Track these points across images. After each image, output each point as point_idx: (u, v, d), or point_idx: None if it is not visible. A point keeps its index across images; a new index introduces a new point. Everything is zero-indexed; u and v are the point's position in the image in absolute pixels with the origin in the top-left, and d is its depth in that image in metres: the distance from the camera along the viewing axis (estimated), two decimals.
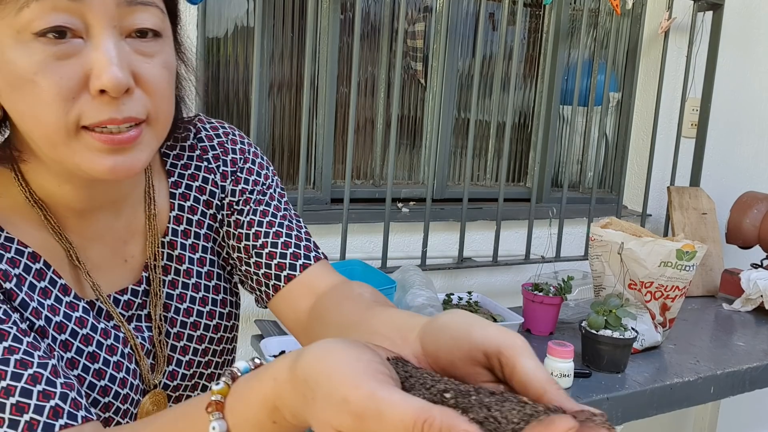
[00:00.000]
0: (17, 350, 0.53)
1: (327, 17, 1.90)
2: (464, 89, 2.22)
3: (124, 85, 0.53)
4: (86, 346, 0.62)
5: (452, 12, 2.11)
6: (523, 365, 0.39)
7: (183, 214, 0.73)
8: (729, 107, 2.58)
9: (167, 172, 0.74)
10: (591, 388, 1.38)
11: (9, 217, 0.61)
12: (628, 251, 1.53)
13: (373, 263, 1.69)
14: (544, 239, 2.26)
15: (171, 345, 0.71)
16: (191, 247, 0.73)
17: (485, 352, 0.41)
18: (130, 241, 0.69)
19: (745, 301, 2.06)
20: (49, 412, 0.52)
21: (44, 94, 0.52)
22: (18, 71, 0.52)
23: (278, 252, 0.74)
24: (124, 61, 0.54)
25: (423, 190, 2.11)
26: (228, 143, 0.77)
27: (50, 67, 0.52)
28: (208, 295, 0.74)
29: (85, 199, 0.64)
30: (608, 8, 2.41)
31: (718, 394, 1.54)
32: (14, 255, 0.59)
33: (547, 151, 2.38)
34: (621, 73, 2.53)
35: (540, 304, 1.66)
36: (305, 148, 1.74)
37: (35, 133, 0.55)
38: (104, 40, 0.53)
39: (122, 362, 0.65)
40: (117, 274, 0.68)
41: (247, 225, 0.75)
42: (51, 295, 0.61)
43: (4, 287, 0.57)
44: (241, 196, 0.76)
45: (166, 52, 0.59)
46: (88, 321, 0.63)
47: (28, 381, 0.53)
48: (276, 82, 1.91)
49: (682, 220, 2.31)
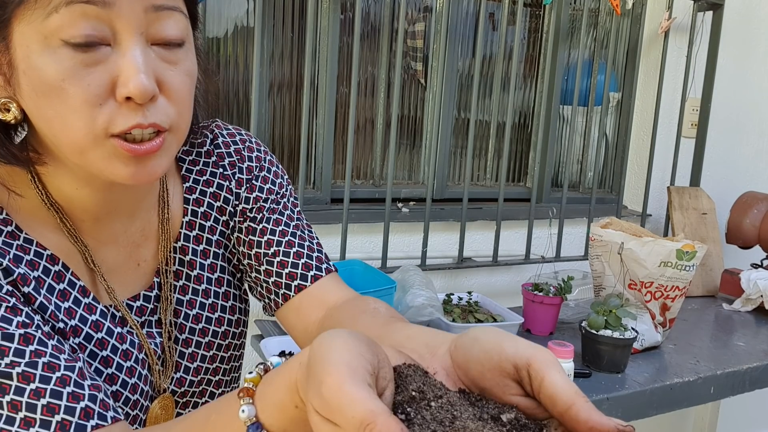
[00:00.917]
0: (44, 354, 0.54)
1: (327, 17, 1.90)
2: (464, 89, 2.22)
3: (150, 93, 0.54)
4: (100, 350, 0.63)
5: (452, 12, 2.11)
6: (552, 379, 0.39)
7: (196, 219, 0.73)
8: (729, 107, 2.58)
9: (182, 177, 0.74)
10: (591, 388, 1.38)
11: (26, 219, 0.61)
12: (628, 251, 1.53)
13: (373, 263, 1.69)
14: (544, 239, 2.26)
15: (179, 351, 0.71)
16: (203, 252, 0.74)
17: (515, 364, 0.41)
18: (143, 244, 0.70)
19: (745, 301, 2.06)
20: (80, 413, 0.53)
21: (72, 101, 0.53)
22: (46, 78, 0.53)
23: (290, 261, 0.74)
24: (150, 69, 0.55)
25: (423, 190, 2.11)
26: (245, 150, 0.77)
27: (78, 74, 0.52)
28: (217, 302, 0.75)
29: (101, 203, 0.64)
30: (608, 8, 2.41)
31: (718, 394, 1.54)
32: (33, 257, 0.60)
33: (547, 151, 2.38)
34: (621, 73, 2.53)
35: (540, 304, 1.66)
36: (305, 148, 1.74)
37: (62, 139, 0.55)
38: (131, 48, 0.54)
39: (135, 368, 0.65)
40: (130, 278, 0.69)
41: (259, 233, 0.75)
42: (69, 297, 0.62)
43: (23, 291, 0.57)
44: (255, 204, 0.76)
45: (189, 60, 0.60)
46: (104, 325, 0.64)
47: (57, 383, 0.54)
48: (276, 82, 1.90)
49: (682, 220, 2.31)
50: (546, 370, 0.40)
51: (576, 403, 0.38)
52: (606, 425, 0.37)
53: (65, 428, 0.53)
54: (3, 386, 0.52)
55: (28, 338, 0.54)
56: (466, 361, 0.43)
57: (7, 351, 0.53)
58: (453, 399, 0.40)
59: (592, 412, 0.37)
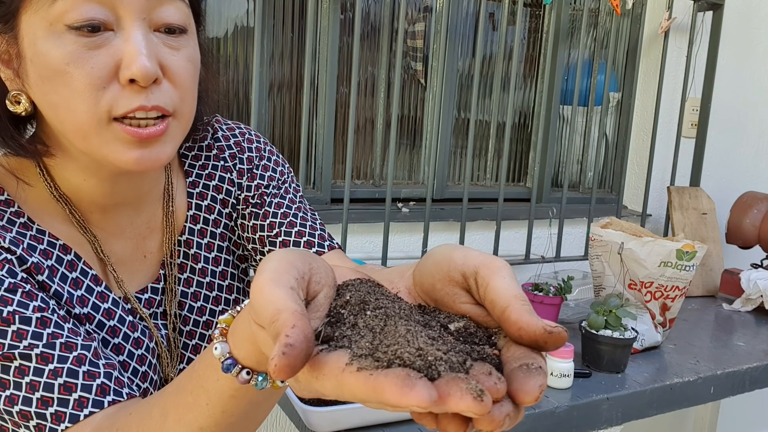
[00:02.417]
0: (60, 335, 0.56)
1: (327, 17, 1.90)
2: (464, 89, 2.22)
3: (153, 75, 0.55)
4: (112, 338, 0.64)
5: (452, 12, 2.11)
6: (495, 283, 0.38)
7: (200, 213, 0.75)
8: (729, 107, 2.58)
9: (185, 172, 0.75)
10: (591, 388, 1.38)
11: (36, 211, 0.63)
12: (628, 251, 1.53)
13: (373, 263, 1.69)
14: (544, 239, 2.26)
15: (184, 343, 0.73)
16: (207, 246, 0.75)
17: (463, 273, 0.40)
18: (149, 236, 0.71)
19: (745, 301, 2.06)
20: (96, 389, 0.55)
21: (76, 84, 0.54)
22: (50, 62, 0.54)
23: (291, 240, 0.75)
24: (153, 52, 0.56)
25: (423, 190, 2.11)
26: (244, 142, 0.78)
27: (82, 57, 0.54)
28: (221, 295, 0.76)
29: (108, 194, 0.65)
30: (608, 8, 2.41)
31: (718, 394, 1.54)
32: (47, 247, 0.61)
33: (547, 151, 2.38)
34: (621, 73, 2.53)
35: (540, 304, 1.66)
36: (305, 148, 1.74)
37: (67, 124, 0.57)
38: (134, 32, 0.55)
39: (146, 356, 0.67)
40: (138, 270, 0.70)
41: (261, 217, 0.76)
42: (82, 285, 0.63)
43: (37, 279, 0.59)
44: (257, 191, 0.77)
45: (191, 47, 0.61)
46: (116, 313, 0.65)
47: (74, 362, 0.55)
48: (276, 82, 1.91)
49: (682, 220, 2.31)
50: (491, 276, 0.38)
51: (510, 304, 0.36)
52: (534, 325, 0.35)
53: (83, 405, 0.54)
54: (23, 368, 0.54)
55: (44, 321, 0.56)
56: (421, 275, 0.43)
57: (26, 334, 0.54)
58: (399, 310, 0.39)
59: (523, 313, 0.36)
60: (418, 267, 0.44)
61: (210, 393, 0.47)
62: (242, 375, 0.43)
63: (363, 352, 0.34)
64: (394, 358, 0.33)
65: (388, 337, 0.35)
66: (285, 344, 0.31)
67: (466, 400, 0.30)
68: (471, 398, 0.30)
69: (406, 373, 0.31)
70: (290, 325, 0.32)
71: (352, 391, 0.32)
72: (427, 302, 0.43)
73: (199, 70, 0.63)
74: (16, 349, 0.54)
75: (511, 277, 0.39)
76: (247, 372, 0.43)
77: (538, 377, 0.33)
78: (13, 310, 0.55)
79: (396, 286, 0.45)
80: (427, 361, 0.33)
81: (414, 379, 0.31)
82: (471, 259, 0.40)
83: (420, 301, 0.43)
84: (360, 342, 0.35)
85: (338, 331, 0.37)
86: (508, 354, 0.36)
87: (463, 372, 0.33)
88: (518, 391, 0.33)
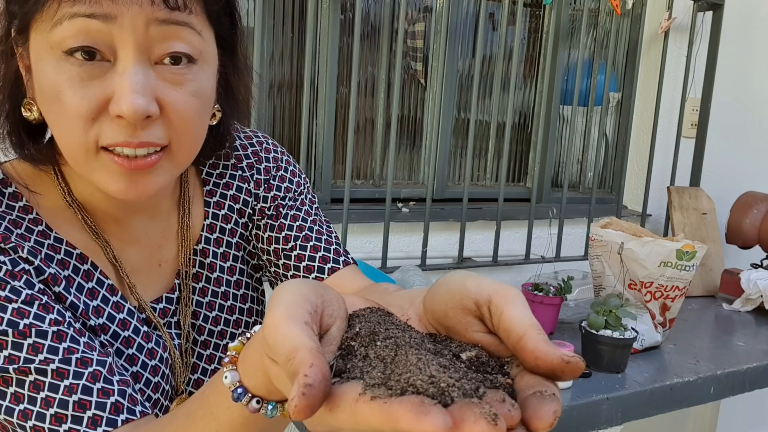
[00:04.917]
0: (76, 350, 0.55)
1: (327, 17, 1.90)
2: (464, 89, 2.22)
3: (142, 114, 0.53)
4: (126, 349, 0.64)
5: (452, 12, 2.11)
6: (509, 312, 0.38)
7: (216, 222, 0.74)
8: (729, 107, 2.58)
9: (203, 180, 0.75)
10: (591, 388, 1.38)
11: (53, 218, 0.62)
12: (628, 251, 1.53)
13: (373, 263, 1.69)
14: (544, 239, 2.27)
15: (197, 353, 0.72)
16: (222, 255, 0.74)
17: (476, 301, 0.40)
18: (164, 245, 0.70)
19: (745, 301, 2.06)
20: (110, 408, 0.55)
21: (67, 111, 0.54)
22: (47, 86, 0.54)
23: (306, 255, 0.75)
24: (149, 89, 0.54)
25: (423, 190, 2.11)
26: (262, 152, 0.78)
27: (74, 86, 0.53)
28: (235, 304, 0.75)
29: (118, 206, 0.65)
30: (608, 8, 2.41)
31: (718, 394, 1.54)
32: (64, 256, 0.61)
33: (547, 151, 2.38)
34: (621, 73, 2.53)
35: (540, 304, 1.66)
36: (305, 148, 1.74)
37: (62, 145, 0.57)
38: (130, 67, 0.53)
39: (159, 366, 0.66)
40: (153, 278, 0.69)
41: (277, 229, 0.76)
42: (98, 295, 0.63)
43: (54, 290, 0.58)
44: (273, 203, 0.77)
45: (199, 80, 0.58)
46: (131, 323, 0.64)
47: (89, 378, 0.55)
48: (276, 82, 1.91)
49: (682, 220, 2.31)
50: (505, 305, 0.38)
51: (527, 333, 0.36)
52: (552, 355, 0.35)
53: (96, 423, 0.54)
54: (38, 383, 0.53)
55: (61, 335, 0.55)
56: (433, 303, 0.43)
57: (42, 348, 0.54)
58: (410, 339, 0.39)
59: (540, 342, 0.36)
60: (429, 294, 0.44)
61: (220, 420, 0.46)
62: (252, 404, 0.43)
63: (375, 381, 0.34)
64: (407, 386, 0.33)
65: (400, 366, 0.35)
66: (304, 384, 0.31)
67: (481, 424, 0.30)
68: (485, 422, 0.30)
69: (420, 399, 0.31)
70: (308, 364, 0.32)
71: (366, 420, 0.32)
72: (438, 330, 0.43)
73: (208, 102, 0.61)
74: (32, 363, 0.53)
75: (525, 305, 0.39)
76: (257, 401, 0.43)
77: (552, 404, 0.33)
78: (29, 323, 0.54)
79: (406, 314, 0.45)
80: (440, 387, 0.33)
81: (428, 405, 0.30)
82: (485, 287, 0.40)
83: (430, 329, 0.43)
84: (372, 372, 0.35)
85: (350, 363, 0.37)
86: (522, 383, 0.36)
87: (477, 398, 0.33)
88: (533, 418, 0.32)
